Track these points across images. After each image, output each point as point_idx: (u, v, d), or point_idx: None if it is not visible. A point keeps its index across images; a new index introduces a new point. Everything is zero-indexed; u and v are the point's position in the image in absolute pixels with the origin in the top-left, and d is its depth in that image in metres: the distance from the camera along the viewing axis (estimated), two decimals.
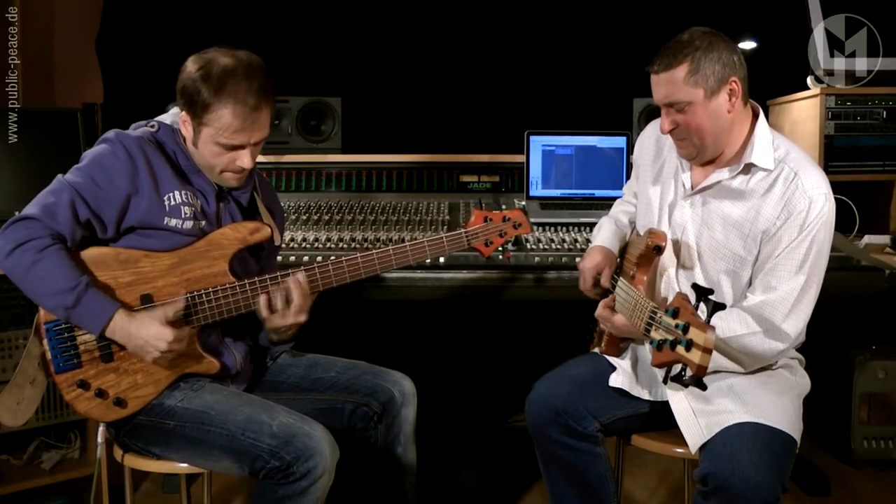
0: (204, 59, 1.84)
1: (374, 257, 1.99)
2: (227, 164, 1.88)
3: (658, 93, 1.87)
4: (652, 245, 1.89)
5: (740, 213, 1.88)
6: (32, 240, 1.74)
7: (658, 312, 1.59)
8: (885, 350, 3.02)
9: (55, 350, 1.83)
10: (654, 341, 1.56)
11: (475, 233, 2.13)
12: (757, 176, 1.88)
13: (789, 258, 1.82)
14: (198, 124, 1.84)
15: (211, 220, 1.94)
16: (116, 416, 1.86)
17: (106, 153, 1.83)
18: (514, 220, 2.17)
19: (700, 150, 1.89)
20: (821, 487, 2.90)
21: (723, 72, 1.81)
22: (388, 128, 3.66)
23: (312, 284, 1.94)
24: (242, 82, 1.80)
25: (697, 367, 1.44)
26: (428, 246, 2.06)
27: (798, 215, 1.80)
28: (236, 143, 1.84)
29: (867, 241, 2.76)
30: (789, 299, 1.81)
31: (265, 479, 1.77)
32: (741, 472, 1.65)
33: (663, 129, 1.90)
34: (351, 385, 2.07)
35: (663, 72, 1.83)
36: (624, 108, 3.24)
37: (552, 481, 2.08)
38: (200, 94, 1.80)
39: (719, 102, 1.83)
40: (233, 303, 1.90)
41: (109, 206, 1.81)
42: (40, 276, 1.74)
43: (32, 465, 2.67)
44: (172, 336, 1.78)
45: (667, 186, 2.04)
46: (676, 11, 3.51)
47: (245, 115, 1.81)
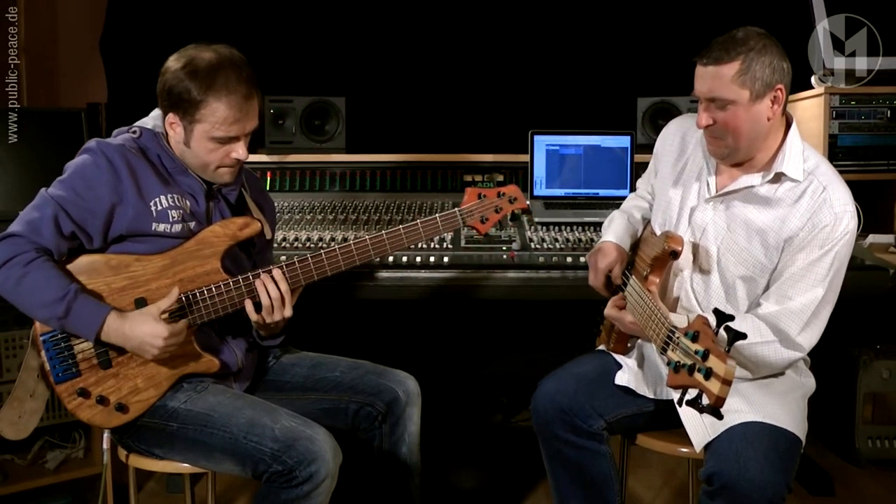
0: (186, 58, 1.83)
1: (367, 242, 1.97)
2: (222, 159, 1.88)
3: (702, 85, 1.83)
4: (669, 249, 1.87)
5: (765, 221, 1.87)
6: (18, 255, 1.74)
7: (676, 332, 1.56)
8: (889, 349, 3.01)
9: (53, 361, 1.83)
10: (671, 362, 1.54)
11: (469, 210, 2.08)
12: (785, 186, 1.87)
13: (810, 271, 1.80)
14: (189, 122, 1.83)
15: (200, 220, 1.93)
16: (119, 421, 1.86)
17: (87, 164, 1.82)
18: (510, 195, 2.11)
19: (732, 152, 1.86)
20: (825, 487, 2.89)
21: (771, 77, 1.78)
22: (392, 127, 3.66)
23: (293, 278, 1.92)
24: (231, 73, 1.81)
25: (717, 398, 1.41)
26: (422, 227, 2.02)
27: (823, 230, 1.79)
28: (232, 134, 1.84)
29: (871, 240, 2.75)
30: (807, 311, 1.80)
31: (268, 483, 1.77)
32: (746, 472, 1.65)
33: (700, 123, 1.86)
34: (355, 385, 2.06)
35: (712, 65, 1.79)
36: (628, 107, 3.24)
37: (556, 479, 2.08)
38: (190, 91, 1.80)
39: (762, 107, 1.80)
40: (227, 300, 1.89)
41: (94, 217, 1.81)
42: (29, 289, 1.74)
43: (37, 464, 2.68)
44: (168, 331, 1.77)
45: (689, 187, 2.02)
46: (679, 11, 3.50)
47: (240, 105, 1.82)
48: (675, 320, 1.65)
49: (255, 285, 1.89)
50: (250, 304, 1.90)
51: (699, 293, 1.95)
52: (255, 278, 1.90)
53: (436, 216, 2.04)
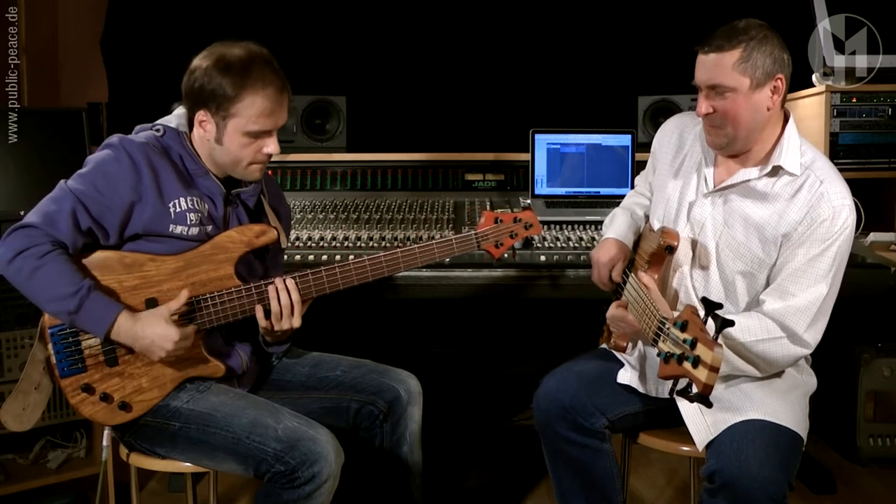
0: (215, 55, 1.84)
1: (381, 260, 1.98)
2: (255, 155, 1.88)
3: (702, 73, 1.83)
4: (664, 244, 1.88)
5: (763, 216, 1.87)
6: (33, 246, 1.73)
7: (666, 323, 1.57)
8: (890, 348, 3.01)
9: (60, 354, 1.83)
10: (661, 353, 1.55)
11: (485, 234, 2.10)
12: (783, 180, 1.87)
13: (811, 267, 1.80)
14: (223, 118, 1.83)
15: (218, 224, 1.93)
16: (121, 419, 1.86)
17: (109, 160, 1.81)
18: (525, 221, 2.14)
19: (731, 142, 1.86)
20: (826, 485, 2.90)
21: (772, 66, 1.79)
22: (392, 126, 3.66)
23: (305, 290, 1.92)
24: (265, 67, 1.83)
25: (703, 385, 1.43)
26: (437, 248, 2.04)
27: (821, 224, 1.79)
28: (267, 128, 1.85)
29: (872, 238, 2.75)
30: (812, 308, 1.80)
31: (270, 483, 1.77)
32: (748, 470, 1.65)
33: (700, 111, 1.86)
34: (357, 384, 2.06)
35: (713, 53, 1.80)
36: (629, 105, 3.24)
37: (558, 478, 2.08)
38: (223, 87, 1.80)
39: (762, 97, 1.81)
40: (238, 306, 1.89)
41: (112, 214, 1.80)
42: (42, 281, 1.73)
43: (38, 464, 2.68)
44: (178, 335, 1.77)
45: (688, 181, 2.02)
46: (681, 10, 3.50)
47: (276, 97, 1.83)
48: (666, 312, 1.65)
49: (267, 291, 1.89)
50: (261, 311, 1.90)
51: (699, 289, 1.95)
52: (268, 285, 1.90)
53: (451, 238, 2.05)
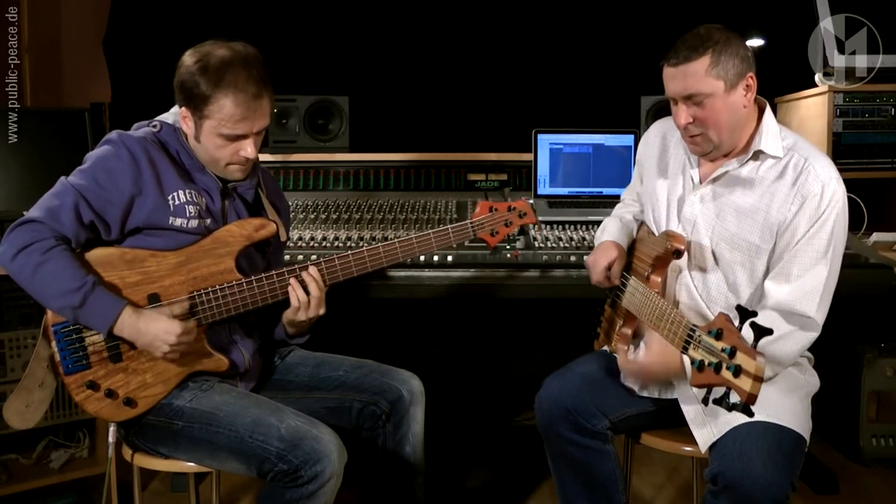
0: (200, 53, 1.84)
1: (380, 250, 2.00)
2: (231, 156, 1.88)
3: (676, 85, 1.84)
4: (672, 248, 1.88)
5: (752, 201, 1.87)
6: (36, 242, 1.74)
7: (697, 331, 1.57)
8: (893, 348, 3.01)
9: (64, 352, 1.83)
10: (694, 361, 1.54)
11: (481, 223, 2.14)
12: (767, 163, 1.88)
13: (809, 245, 1.80)
14: (199, 118, 1.84)
15: (216, 218, 1.94)
16: (126, 415, 1.87)
17: (109, 155, 1.83)
18: (520, 210, 2.18)
19: (716, 147, 1.88)
20: (829, 485, 2.89)
21: (741, 66, 1.81)
22: (395, 126, 3.66)
23: (324, 278, 1.96)
24: (241, 71, 1.81)
25: (749, 395, 1.40)
26: (434, 238, 2.07)
27: (812, 199, 1.79)
28: (239, 132, 1.84)
29: (875, 238, 2.75)
30: (817, 290, 1.80)
31: (273, 482, 1.78)
32: (751, 471, 1.65)
33: (679, 122, 1.87)
34: (359, 384, 2.07)
35: (683, 64, 1.81)
36: (632, 105, 3.23)
37: (561, 479, 2.08)
38: (199, 86, 1.80)
39: (737, 97, 1.82)
40: (240, 300, 1.90)
41: (113, 208, 1.82)
42: (46, 277, 1.74)
43: (41, 464, 2.69)
44: (181, 329, 1.79)
45: (674, 181, 2.03)
46: (683, 10, 3.50)
47: (247, 104, 1.81)
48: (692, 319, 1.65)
49: (289, 282, 1.92)
50: (295, 298, 1.93)
51: (700, 287, 1.94)
52: (291, 276, 1.93)
53: (448, 228, 2.08)
